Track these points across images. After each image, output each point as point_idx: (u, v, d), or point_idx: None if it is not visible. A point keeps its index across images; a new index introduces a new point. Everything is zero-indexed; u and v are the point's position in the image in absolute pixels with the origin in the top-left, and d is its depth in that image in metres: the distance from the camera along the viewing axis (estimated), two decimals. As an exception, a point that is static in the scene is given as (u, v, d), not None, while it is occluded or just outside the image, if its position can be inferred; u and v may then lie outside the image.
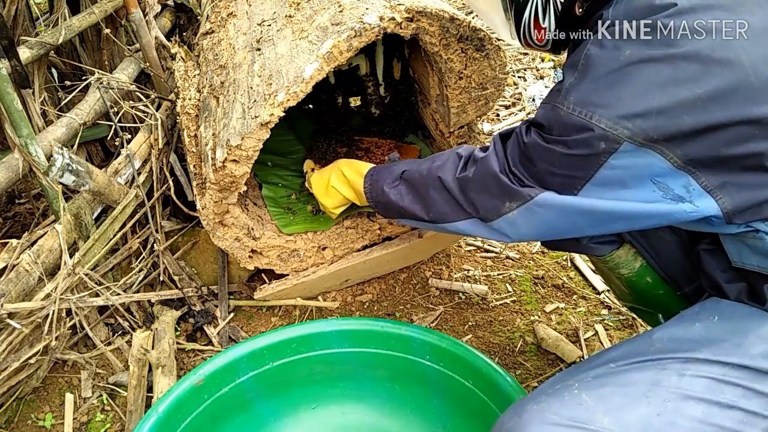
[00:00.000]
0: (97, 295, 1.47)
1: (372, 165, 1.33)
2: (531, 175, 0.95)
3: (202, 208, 1.39)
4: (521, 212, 0.96)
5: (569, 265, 1.80)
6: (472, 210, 1.05)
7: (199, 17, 2.48)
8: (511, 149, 0.99)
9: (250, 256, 1.51)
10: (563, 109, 0.87)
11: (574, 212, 0.91)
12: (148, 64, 2.07)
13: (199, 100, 1.62)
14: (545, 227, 0.96)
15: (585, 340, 1.53)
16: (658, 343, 0.89)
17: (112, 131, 1.73)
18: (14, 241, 1.39)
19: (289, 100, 1.24)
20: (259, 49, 1.42)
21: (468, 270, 1.76)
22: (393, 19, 1.27)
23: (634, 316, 1.58)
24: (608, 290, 1.68)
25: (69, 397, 1.42)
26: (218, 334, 1.57)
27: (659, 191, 0.85)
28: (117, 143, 1.76)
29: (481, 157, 1.04)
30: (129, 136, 1.80)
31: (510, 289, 1.71)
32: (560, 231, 0.97)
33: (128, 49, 2.18)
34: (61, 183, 1.43)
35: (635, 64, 0.83)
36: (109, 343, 1.54)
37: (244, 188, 1.36)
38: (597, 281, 1.72)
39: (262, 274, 1.69)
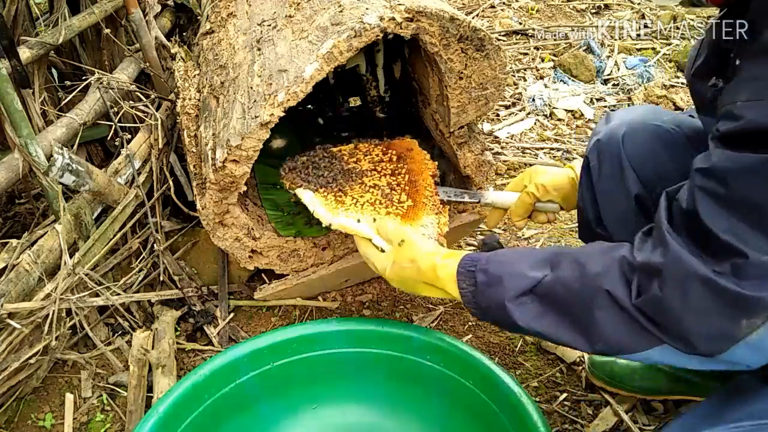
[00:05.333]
0: (97, 295, 1.47)
1: (453, 252, 0.99)
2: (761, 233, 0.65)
3: (202, 208, 1.39)
4: None
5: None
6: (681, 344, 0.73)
7: (199, 17, 2.48)
8: (703, 206, 0.68)
9: (250, 256, 1.51)
10: None
11: None
12: (148, 64, 2.07)
13: (199, 100, 1.62)
14: None
15: (585, 340, 1.53)
16: None
17: (112, 131, 1.73)
18: (14, 241, 1.39)
19: (289, 100, 1.24)
20: (259, 49, 1.42)
21: (468, 270, 1.76)
22: (393, 19, 1.27)
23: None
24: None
25: (69, 397, 1.42)
26: (218, 334, 1.57)
27: None
28: (117, 143, 1.76)
29: (658, 262, 0.71)
30: (129, 136, 1.80)
31: (510, 289, 1.71)
32: None
33: (128, 49, 2.18)
34: (61, 183, 1.43)
35: None
36: (109, 343, 1.54)
37: (244, 188, 1.36)
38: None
39: (262, 274, 1.69)
